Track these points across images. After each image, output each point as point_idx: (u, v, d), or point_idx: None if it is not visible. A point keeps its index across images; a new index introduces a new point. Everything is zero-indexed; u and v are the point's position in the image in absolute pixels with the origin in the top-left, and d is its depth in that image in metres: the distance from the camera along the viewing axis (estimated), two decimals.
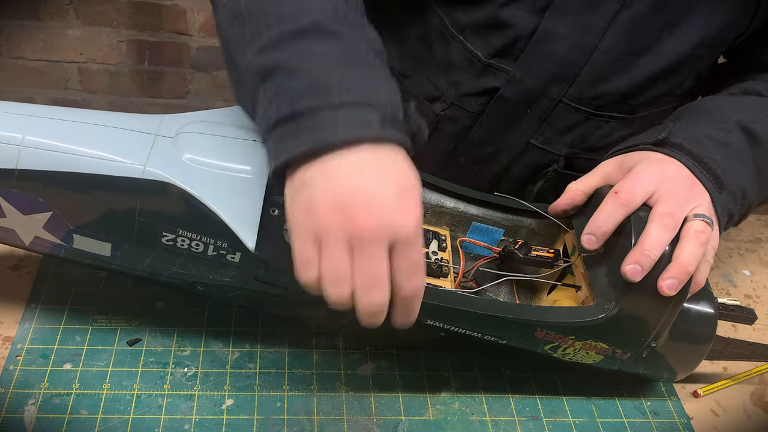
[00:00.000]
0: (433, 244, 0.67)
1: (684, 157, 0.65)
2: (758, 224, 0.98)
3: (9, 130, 0.55)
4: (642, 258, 0.59)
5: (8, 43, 1.61)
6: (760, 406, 0.72)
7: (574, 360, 0.65)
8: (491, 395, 0.68)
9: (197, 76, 1.68)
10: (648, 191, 0.62)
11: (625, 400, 0.70)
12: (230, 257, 0.57)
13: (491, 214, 0.71)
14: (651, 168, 0.64)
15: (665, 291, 0.59)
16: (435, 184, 0.69)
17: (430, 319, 0.60)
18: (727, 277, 0.88)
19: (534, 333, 0.61)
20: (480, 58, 0.77)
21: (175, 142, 0.56)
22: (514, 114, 0.80)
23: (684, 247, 0.60)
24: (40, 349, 0.66)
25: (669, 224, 0.60)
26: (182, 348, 0.68)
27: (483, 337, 0.62)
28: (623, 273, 0.59)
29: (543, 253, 0.67)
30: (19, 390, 0.62)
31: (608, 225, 0.62)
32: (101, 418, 0.61)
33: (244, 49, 0.53)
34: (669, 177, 0.63)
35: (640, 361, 0.65)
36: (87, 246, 0.59)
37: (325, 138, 0.49)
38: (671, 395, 0.72)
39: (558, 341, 0.62)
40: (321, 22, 0.52)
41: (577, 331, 0.61)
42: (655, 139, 0.67)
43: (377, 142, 0.49)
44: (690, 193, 0.63)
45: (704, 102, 0.73)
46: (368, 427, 0.64)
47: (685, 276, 0.59)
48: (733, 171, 0.66)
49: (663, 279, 0.59)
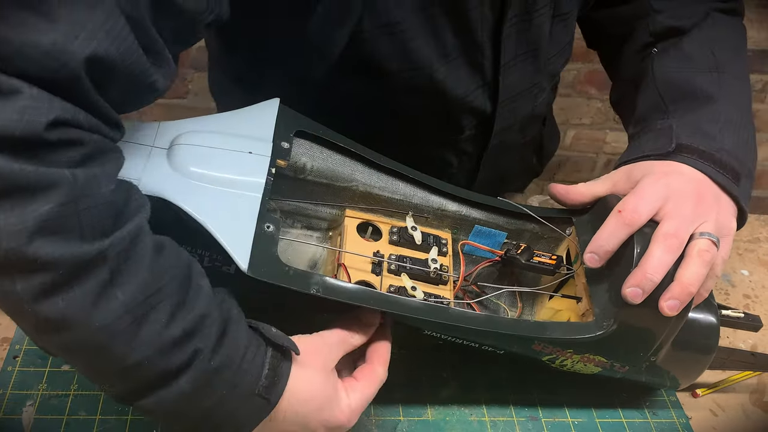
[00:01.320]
0: (433, 251, 0.66)
1: (697, 161, 0.64)
2: (757, 224, 0.98)
3: None
4: (643, 281, 0.57)
5: None
6: (758, 406, 0.72)
7: (572, 370, 0.65)
8: (490, 396, 0.68)
9: (197, 76, 1.68)
10: (653, 209, 0.61)
11: (624, 400, 0.70)
12: (225, 269, 0.58)
13: (494, 218, 0.70)
14: (656, 184, 0.62)
15: (666, 311, 0.57)
16: (437, 188, 0.68)
17: (428, 330, 0.60)
18: (726, 277, 0.88)
19: (531, 345, 0.61)
20: (458, 139, 0.81)
21: (170, 154, 0.55)
22: (505, 142, 0.84)
23: (687, 266, 0.58)
24: (38, 350, 0.65)
25: (673, 245, 0.58)
26: None
27: (481, 347, 0.62)
28: (624, 295, 0.57)
29: (545, 260, 0.66)
30: (17, 391, 0.62)
31: (611, 244, 0.60)
32: (99, 419, 0.61)
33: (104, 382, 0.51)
34: (674, 192, 0.62)
35: (640, 373, 0.65)
36: None
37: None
38: (670, 395, 0.72)
39: (556, 354, 0.62)
40: None
41: (576, 345, 0.61)
42: (666, 150, 0.66)
43: (274, 406, 0.51)
44: (697, 209, 0.61)
45: (667, 78, 0.74)
46: (367, 428, 0.64)
47: (687, 297, 0.58)
48: (743, 151, 0.66)
49: (664, 299, 0.57)
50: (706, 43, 0.74)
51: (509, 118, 0.80)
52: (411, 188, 0.67)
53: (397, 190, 0.67)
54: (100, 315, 0.43)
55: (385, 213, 0.68)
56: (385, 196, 0.67)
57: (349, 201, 0.66)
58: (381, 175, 0.66)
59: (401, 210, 0.67)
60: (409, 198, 0.67)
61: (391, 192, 0.67)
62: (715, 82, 0.71)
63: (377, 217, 0.68)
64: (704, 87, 0.70)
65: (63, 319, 0.43)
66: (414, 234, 0.66)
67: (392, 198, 0.67)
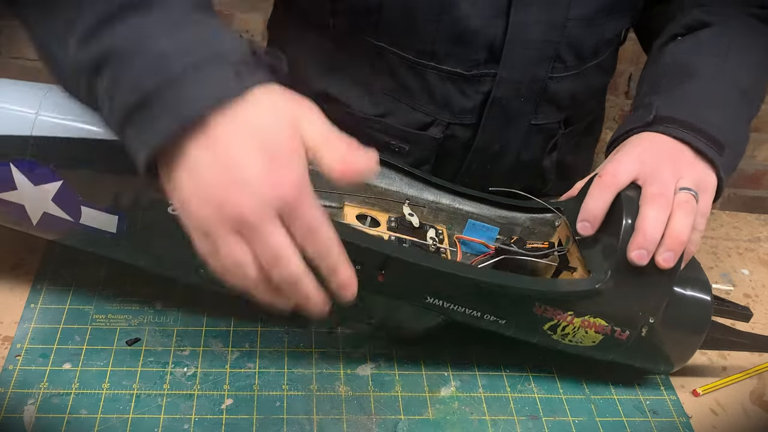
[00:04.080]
0: (431, 231, 0.70)
1: (678, 130, 0.67)
2: (757, 223, 0.98)
3: (25, 101, 0.58)
4: (645, 242, 0.61)
5: (8, 43, 1.61)
6: (759, 404, 0.72)
7: (574, 342, 0.65)
8: (491, 394, 0.68)
9: None
10: (631, 170, 0.65)
11: (624, 399, 0.70)
12: None
13: (486, 210, 0.72)
14: (632, 149, 0.67)
15: (662, 264, 0.61)
16: (430, 181, 0.71)
17: (429, 297, 0.61)
18: (726, 276, 0.88)
19: (533, 308, 0.62)
20: (462, 74, 0.79)
21: None
22: (510, 109, 0.82)
23: (674, 218, 0.62)
24: (40, 349, 0.66)
25: (663, 204, 0.62)
26: (182, 348, 0.68)
27: (483, 316, 0.63)
28: (630, 259, 0.61)
29: (538, 245, 0.70)
30: (18, 390, 0.62)
31: (598, 208, 0.64)
32: (100, 417, 0.61)
33: (61, 44, 0.48)
34: (650, 155, 0.66)
35: (639, 342, 0.65)
36: (94, 221, 0.61)
37: (184, 113, 0.44)
38: (670, 394, 0.72)
39: (557, 318, 0.63)
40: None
41: (575, 303, 0.62)
42: (645, 121, 0.69)
43: (242, 93, 0.45)
44: (674, 167, 0.65)
45: (671, 60, 0.76)
46: (368, 427, 0.64)
47: (679, 246, 0.61)
48: (729, 127, 0.69)
49: (659, 253, 0.61)
50: (724, 36, 0.76)
51: (518, 69, 0.78)
52: (406, 179, 0.71)
53: (393, 182, 0.70)
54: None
55: (383, 208, 0.71)
56: (381, 187, 0.70)
57: (343, 189, 0.69)
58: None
59: (398, 200, 0.71)
60: (405, 190, 0.71)
61: (387, 184, 0.70)
62: (716, 65, 0.73)
63: (375, 211, 0.71)
64: (700, 67, 0.72)
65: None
66: (412, 219, 0.69)
67: (389, 189, 0.70)
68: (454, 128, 0.83)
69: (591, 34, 0.80)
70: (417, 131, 0.84)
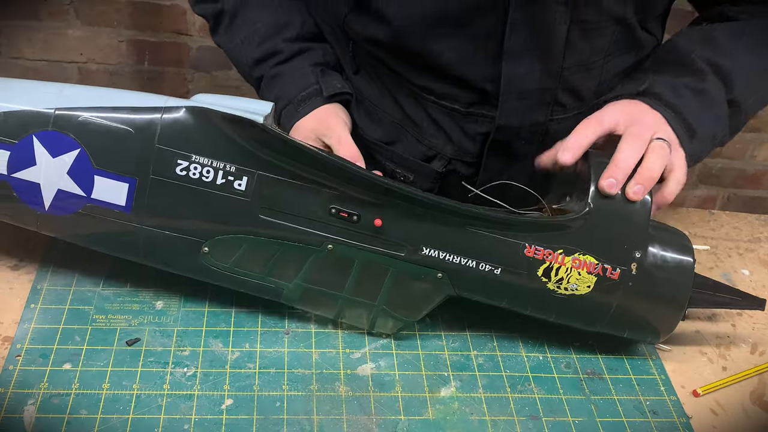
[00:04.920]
0: None
1: (662, 107, 0.73)
2: (757, 224, 0.98)
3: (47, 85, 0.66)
4: (616, 171, 0.67)
5: (8, 43, 1.61)
6: (759, 405, 0.72)
7: (570, 291, 0.67)
8: (491, 395, 0.68)
9: (197, 76, 1.68)
10: (613, 120, 0.71)
11: (624, 399, 0.70)
12: (237, 184, 0.64)
13: None
14: (617, 104, 0.73)
15: (631, 196, 0.66)
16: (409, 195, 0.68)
17: (425, 247, 0.66)
18: (727, 277, 0.88)
19: (523, 251, 0.66)
20: (459, 110, 0.80)
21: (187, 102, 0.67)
22: (512, 150, 0.82)
23: (647, 157, 0.68)
24: (40, 349, 0.66)
25: (638, 144, 0.68)
26: (182, 348, 0.68)
27: (478, 266, 0.66)
28: (601, 188, 0.66)
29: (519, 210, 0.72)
30: (18, 390, 0.62)
31: (581, 139, 0.69)
32: (101, 417, 0.61)
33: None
34: (633, 113, 0.72)
35: (631, 283, 0.67)
36: (105, 194, 0.64)
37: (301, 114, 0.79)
38: (670, 394, 0.72)
39: (548, 259, 0.66)
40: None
41: (560, 233, 0.66)
42: (637, 90, 0.75)
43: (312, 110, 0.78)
44: (652, 122, 0.71)
45: (676, 45, 0.79)
46: (368, 427, 0.64)
47: (649, 182, 0.67)
48: (706, 119, 0.74)
49: (630, 187, 0.67)
50: (736, 34, 0.77)
51: (515, 116, 0.78)
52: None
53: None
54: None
55: None
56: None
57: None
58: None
59: None
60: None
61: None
62: (713, 64, 0.75)
63: None
64: (698, 64, 0.75)
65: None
66: None
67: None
68: (456, 164, 0.84)
69: (591, 77, 0.79)
70: (421, 162, 0.85)
